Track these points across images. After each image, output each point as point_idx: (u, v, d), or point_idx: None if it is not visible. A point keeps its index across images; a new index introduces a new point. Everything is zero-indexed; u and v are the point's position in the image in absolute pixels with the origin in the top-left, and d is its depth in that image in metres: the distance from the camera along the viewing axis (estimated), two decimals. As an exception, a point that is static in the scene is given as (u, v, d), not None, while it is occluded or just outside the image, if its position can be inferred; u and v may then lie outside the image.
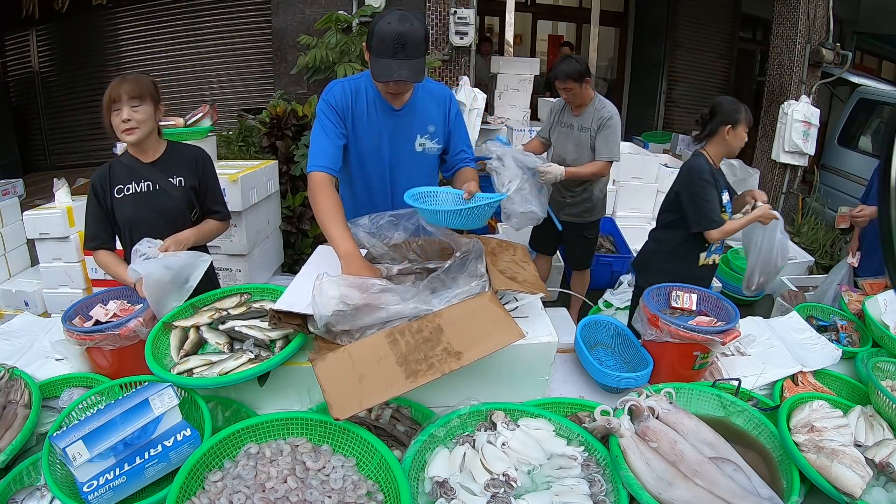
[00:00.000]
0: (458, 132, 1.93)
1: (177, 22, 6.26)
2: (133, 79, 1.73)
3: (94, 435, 1.10)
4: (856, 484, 1.10)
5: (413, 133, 1.85)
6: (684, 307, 1.72)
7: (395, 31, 1.56)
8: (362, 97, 1.79)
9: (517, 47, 7.97)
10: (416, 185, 1.79)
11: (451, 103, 1.90)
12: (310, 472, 1.13)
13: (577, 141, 2.99)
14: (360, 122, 1.80)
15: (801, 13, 5.00)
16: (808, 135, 4.98)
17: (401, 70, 1.58)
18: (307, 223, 3.94)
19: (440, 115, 1.87)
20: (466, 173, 1.88)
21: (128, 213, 1.80)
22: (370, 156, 1.85)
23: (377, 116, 1.80)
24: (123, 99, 1.69)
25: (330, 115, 1.76)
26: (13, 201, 3.53)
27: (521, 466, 1.17)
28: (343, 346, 1.28)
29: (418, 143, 1.86)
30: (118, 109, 1.71)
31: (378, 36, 1.59)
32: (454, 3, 4.52)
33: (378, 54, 1.60)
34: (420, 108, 1.84)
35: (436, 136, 1.87)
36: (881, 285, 2.12)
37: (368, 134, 1.82)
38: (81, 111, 6.60)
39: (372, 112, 1.80)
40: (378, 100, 1.79)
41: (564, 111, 3.06)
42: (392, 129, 1.83)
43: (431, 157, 1.91)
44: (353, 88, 1.79)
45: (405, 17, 1.60)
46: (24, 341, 1.72)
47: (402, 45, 1.57)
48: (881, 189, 0.62)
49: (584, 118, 2.96)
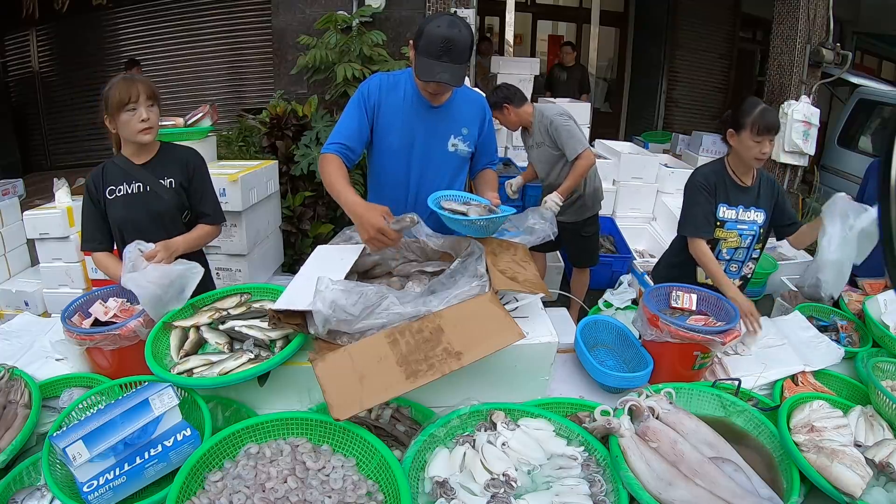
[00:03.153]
0: (490, 139, 2.03)
1: (177, 22, 6.26)
2: (142, 81, 1.74)
3: (94, 435, 1.10)
4: (856, 484, 1.10)
5: (448, 133, 1.90)
6: (684, 307, 1.72)
7: (444, 36, 1.63)
8: (399, 91, 1.85)
9: (517, 47, 7.97)
10: (443, 182, 1.92)
11: (487, 111, 1.99)
12: (310, 472, 1.13)
13: (541, 158, 3.09)
14: (393, 116, 1.85)
15: (801, 13, 5.00)
16: (808, 135, 4.98)
17: (443, 73, 1.65)
18: (307, 223, 3.94)
19: (476, 121, 1.94)
20: (488, 175, 2.01)
21: (119, 214, 1.81)
22: (402, 150, 1.89)
23: (414, 112, 1.86)
24: (141, 99, 1.70)
25: (358, 103, 1.83)
26: (13, 201, 3.53)
27: (521, 466, 1.17)
28: (343, 346, 1.28)
29: (451, 144, 1.92)
30: (133, 110, 1.70)
31: (426, 37, 1.65)
32: (454, 3, 4.51)
33: (423, 54, 1.67)
34: (455, 110, 1.90)
35: (468, 139, 1.93)
36: (881, 285, 2.11)
37: (402, 128, 1.86)
38: (81, 111, 6.60)
39: (408, 107, 1.85)
40: (416, 96, 1.85)
41: (524, 135, 3.18)
42: (428, 126, 1.88)
43: (462, 158, 1.96)
44: (391, 82, 1.86)
45: (454, 23, 1.66)
46: (24, 341, 1.72)
47: (447, 50, 1.64)
48: (881, 189, 0.62)
49: (535, 135, 3.06)
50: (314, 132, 3.92)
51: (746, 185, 2.07)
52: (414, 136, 1.88)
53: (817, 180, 5.51)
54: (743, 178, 2.08)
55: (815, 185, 5.50)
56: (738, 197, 2.07)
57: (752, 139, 1.96)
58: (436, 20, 1.67)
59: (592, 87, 7.49)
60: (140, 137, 1.74)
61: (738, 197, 2.07)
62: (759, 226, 2.07)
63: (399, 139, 1.88)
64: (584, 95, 6.27)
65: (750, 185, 2.07)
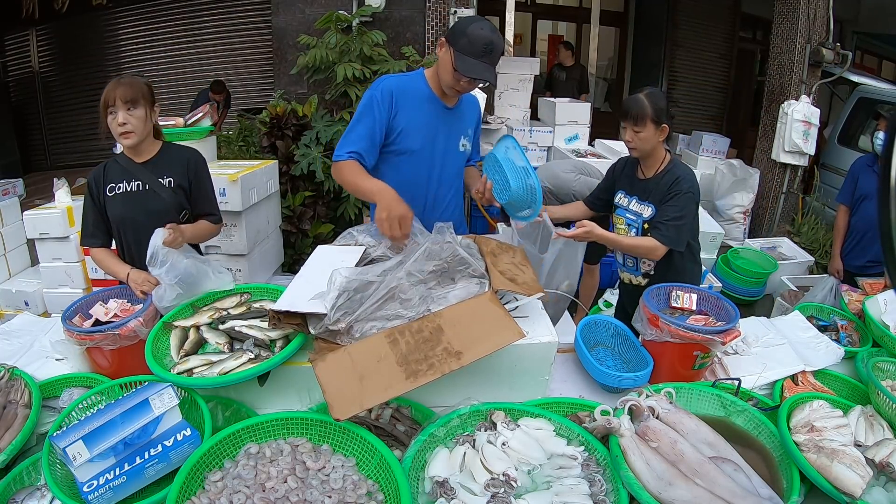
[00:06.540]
0: (478, 137, 2.12)
1: (177, 22, 6.26)
2: (128, 82, 1.74)
3: (94, 435, 1.10)
4: (856, 484, 1.10)
5: (460, 133, 1.99)
6: (684, 307, 1.72)
7: (488, 38, 1.72)
8: (413, 94, 1.88)
9: (517, 47, 7.97)
10: (452, 181, 2.02)
11: (479, 110, 2.08)
12: (310, 471, 1.13)
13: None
14: (414, 118, 1.87)
15: (801, 13, 4.99)
16: (809, 134, 4.98)
17: (486, 73, 1.73)
18: (307, 223, 3.94)
19: (473, 120, 2.04)
20: (472, 171, 2.11)
21: (117, 212, 1.82)
22: (424, 151, 1.92)
23: (434, 114, 1.90)
24: (118, 103, 1.71)
25: (375, 108, 1.83)
26: (13, 201, 3.53)
27: (522, 466, 1.17)
28: (343, 346, 1.28)
29: (461, 144, 2.00)
30: (113, 113, 1.73)
31: (470, 37, 1.72)
32: (454, 2, 4.51)
33: (467, 53, 1.73)
34: (463, 111, 1.99)
35: (470, 139, 2.03)
36: (881, 285, 2.11)
37: (425, 130, 1.89)
38: (81, 111, 6.61)
39: (426, 109, 1.88)
40: (431, 98, 1.89)
41: None
42: (446, 126, 1.94)
43: (466, 157, 2.06)
44: (406, 85, 1.89)
45: (494, 29, 1.76)
46: (24, 341, 1.72)
47: (489, 52, 1.73)
48: (881, 189, 0.62)
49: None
50: (314, 132, 3.92)
51: (644, 179, 2.09)
52: (436, 137, 1.91)
53: (817, 180, 5.51)
54: (645, 170, 2.10)
55: (815, 184, 5.50)
56: (636, 187, 2.11)
57: (622, 127, 2.03)
58: (477, 23, 1.75)
59: (592, 87, 7.49)
60: (121, 140, 1.76)
61: (636, 187, 2.11)
62: (643, 219, 2.06)
63: (422, 141, 1.89)
64: (583, 95, 6.27)
65: (649, 178, 2.07)
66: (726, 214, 5.12)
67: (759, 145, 5.53)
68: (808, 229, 4.98)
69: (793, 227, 5.20)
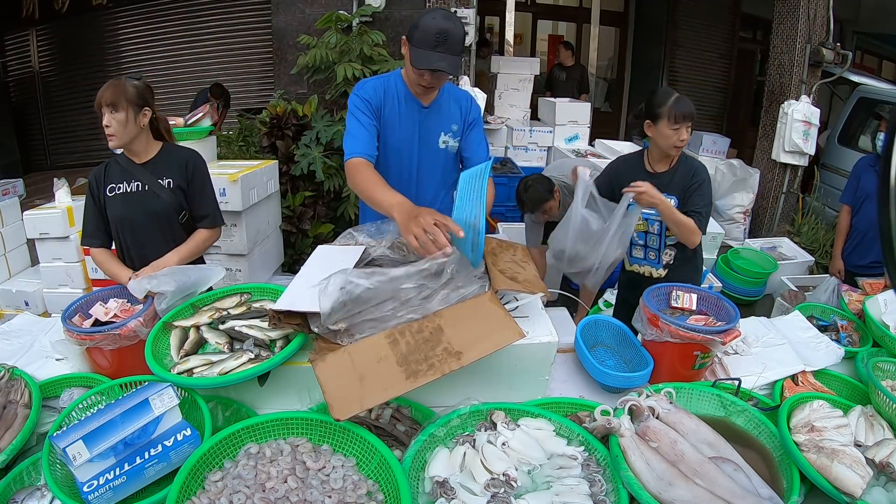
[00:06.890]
0: (475, 136, 2.04)
1: (177, 22, 6.26)
2: (112, 84, 1.76)
3: (94, 435, 1.10)
4: (856, 484, 1.10)
5: (438, 130, 1.98)
6: (684, 307, 1.72)
7: (439, 27, 1.68)
8: (392, 93, 1.90)
9: (517, 47, 7.97)
10: (438, 178, 2.03)
11: (472, 107, 2.03)
12: (310, 471, 1.13)
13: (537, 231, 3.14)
14: (391, 118, 1.91)
15: (801, 13, 4.99)
16: (809, 134, 4.98)
17: (440, 61, 1.69)
18: (307, 223, 3.94)
19: (461, 117, 2.01)
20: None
21: (117, 212, 1.83)
22: (402, 150, 1.96)
23: (408, 113, 1.92)
24: (102, 105, 1.75)
25: (364, 108, 1.86)
26: (13, 201, 3.53)
27: (522, 466, 1.17)
28: (343, 346, 1.28)
29: (441, 141, 2.00)
30: (101, 115, 1.76)
31: (422, 29, 1.70)
32: (454, 2, 4.51)
33: (419, 45, 1.71)
34: (444, 108, 1.98)
35: (457, 136, 2.02)
36: (881, 285, 2.11)
37: (400, 129, 1.93)
38: (81, 111, 6.60)
39: (403, 108, 1.91)
40: (408, 97, 1.91)
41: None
42: (420, 125, 1.95)
43: (452, 153, 2.05)
44: (384, 85, 1.91)
45: (449, 17, 1.72)
46: (24, 341, 1.72)
47: (443, 40, 1.69)
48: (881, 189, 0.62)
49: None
50: (314, 132, 3.92)
51: (658, 172, 2.12)
52: (412, 136, 1.94)
53: (817, 179, 5.51)
54: (656, 165, 2.14)
55: (815, 184, 5.51)
56: (651, 182, 2.04)
57: (669, 128, 2.01)
58: (431, 14, 1.72)
59: (592, 87, 7.49)
60: (108, 141, 1.79)
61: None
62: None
63: (401, 138, 1.93)
64: (583, 95, 6.27)
65: (664, 171, 2.11)
66: (726, 214, 5.12)
67: (759, 145, 5.53)
68: (808, 229, 4.98)
69: (793, 227, 5.20)
